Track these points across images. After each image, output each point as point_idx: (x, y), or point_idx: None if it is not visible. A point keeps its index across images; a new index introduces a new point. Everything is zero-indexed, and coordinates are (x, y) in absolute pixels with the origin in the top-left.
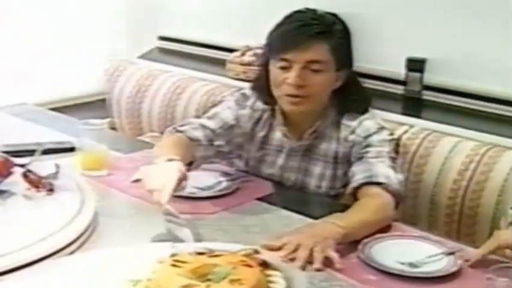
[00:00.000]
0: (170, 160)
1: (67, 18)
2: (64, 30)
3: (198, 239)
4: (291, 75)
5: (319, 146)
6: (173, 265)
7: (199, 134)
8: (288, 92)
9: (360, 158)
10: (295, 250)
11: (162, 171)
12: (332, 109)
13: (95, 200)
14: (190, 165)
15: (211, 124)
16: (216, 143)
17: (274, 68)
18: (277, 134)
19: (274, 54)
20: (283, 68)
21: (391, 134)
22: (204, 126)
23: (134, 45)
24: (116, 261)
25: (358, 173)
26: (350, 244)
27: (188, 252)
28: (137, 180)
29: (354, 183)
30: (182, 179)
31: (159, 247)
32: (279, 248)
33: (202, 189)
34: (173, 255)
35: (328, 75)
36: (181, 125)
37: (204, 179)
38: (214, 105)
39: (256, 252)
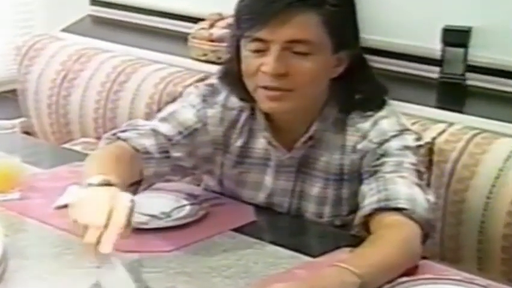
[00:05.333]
0: (107, 184)
1: None
2: None
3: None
4: (267, 61)
5: (317, 157)
6: None
7: (149, 143)
8: (265, 83)
9: (373, 173)
10: None
11: (105, 202)
12: (333, 106)
13: (3, 234)
14: (137, 184)
15: (166, 129)
16: (174, 154)
17: (245, 51)
18: (261, 143)
19: (244, 33)
20: (257, 52)
21: (418, 139)
22: (156, 132)
23: (56, 14)
24: None
25: (371, 195)
26: None
27: None
28: (64, 206)
29: (365, 209)
30: (130, 217)
31: None
32: None
33: (155, 217)
34: None
35: (321, 60)
36: (124, 130)
37: (158, 203)
38: (173, 100)
39: None
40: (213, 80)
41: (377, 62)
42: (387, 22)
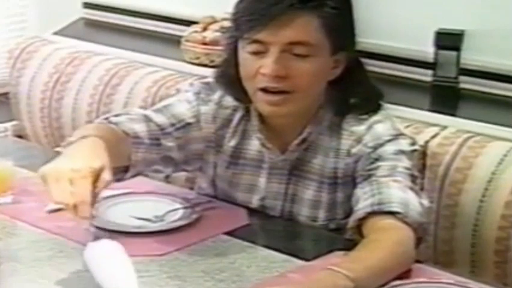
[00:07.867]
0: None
1: None
2: None
3: None
4: (267, 63)
5: (311, 160)
6: None
7: (139, 128)
8: (264, 85)
9: (367, 177)
10: None
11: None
12: (328, 108)
13: None
14: (125, 172)
15: (159, 119)
16: (164, 144)
17: (244, 53)
18: (254, 144)
19: (243, 34)
20: (256, 54)
21: (413, 143)
22: (148, 119)
23: (49, 16)
24: None
25: (364, 199)
26: None
27: None
28: (57, 210)
29: (359, 213)
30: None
31: None
32: None
33: (149, 220)
34: None
35: (320, 62)
36: (116, 115)
37: (151, 207)
38: (168, 98)
39: None
40: (209, 79)
41: (370, 65)
42: (380, 25)
